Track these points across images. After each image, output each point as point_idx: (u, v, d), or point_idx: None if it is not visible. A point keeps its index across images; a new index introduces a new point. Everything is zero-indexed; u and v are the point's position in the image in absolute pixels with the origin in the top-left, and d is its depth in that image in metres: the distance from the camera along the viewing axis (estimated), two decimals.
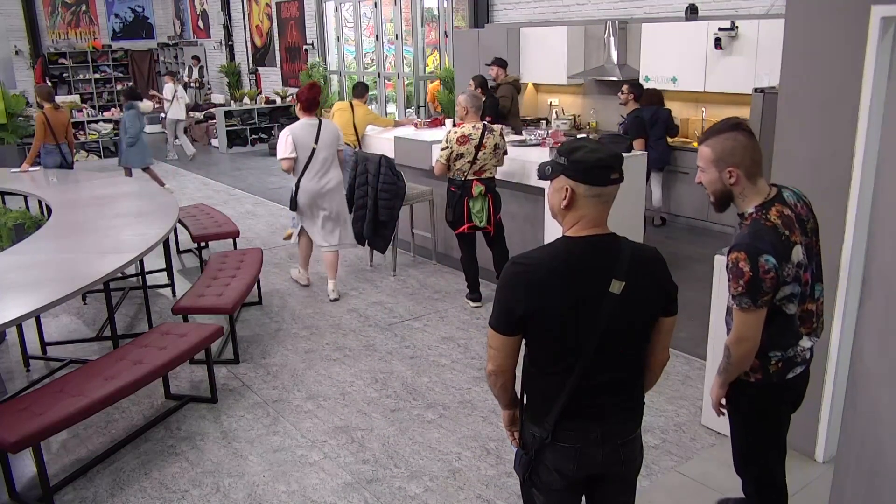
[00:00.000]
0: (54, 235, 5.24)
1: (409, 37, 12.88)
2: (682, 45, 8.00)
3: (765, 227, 2.40)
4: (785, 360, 2.53)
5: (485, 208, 5.67)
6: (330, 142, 5.93)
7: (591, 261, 2.13)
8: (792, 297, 2.45)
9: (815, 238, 2.57)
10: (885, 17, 2.99)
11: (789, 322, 2.50)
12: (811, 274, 2.52)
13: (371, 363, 5.00)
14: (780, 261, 2.36)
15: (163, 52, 19.59)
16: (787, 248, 2.39)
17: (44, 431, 3.39)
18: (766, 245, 2.35)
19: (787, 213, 2.45)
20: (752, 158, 2.44)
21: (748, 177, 2.45)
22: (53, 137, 8.17)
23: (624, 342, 2.13)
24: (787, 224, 2.42)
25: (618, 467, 2.22)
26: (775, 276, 2.35)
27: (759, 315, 2.40)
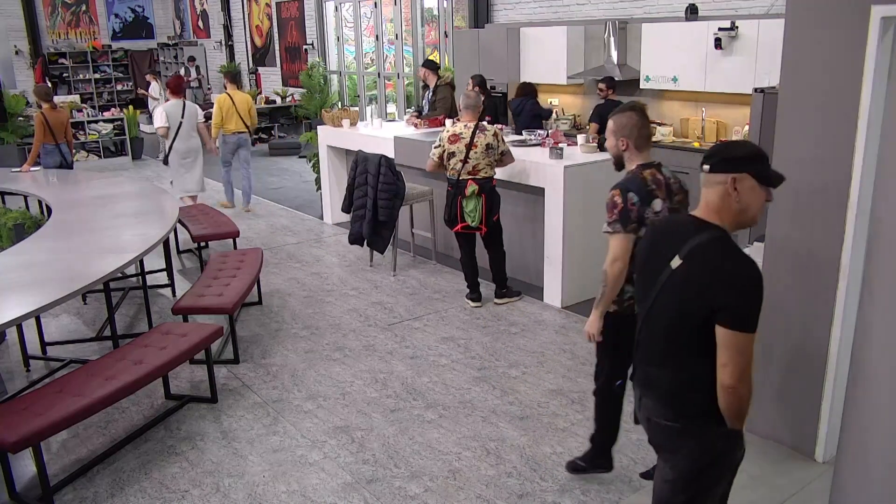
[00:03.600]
0: (54, 235, 5.24)
1: (409, 37, 12.87)
2: (682, 45, 7.99)
3: (637, 177, 3.15)
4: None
5: (478, 208, 5.66)
6: (190, 116, 8.22)
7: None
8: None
9: (683, 211, 3.17)
10: (885, 17, 2.99)
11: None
12: None
13: (371, 363, 5.00)
14: (643, 202, 3.07)
15: (163, 52, 19.59)
16: (649, 196, 3.10)
17: (44, 431, 3.39)
18: (634, 187, 3.10)
19: (659, 178, 3.16)
20: (640, 133, 3.17)
21: (636, 147, 3.19)
22: (53, 137, 8.17)
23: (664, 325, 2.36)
24: (655, 182, 3.14)
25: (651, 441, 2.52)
26: (638, 210, 3.05)
27: (628, 239, 3.06)
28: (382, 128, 8.21)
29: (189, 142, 8.16)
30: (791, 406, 3.61)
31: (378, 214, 6.44)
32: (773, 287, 3.55)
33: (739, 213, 2.27)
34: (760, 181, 2.25)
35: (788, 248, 3.46)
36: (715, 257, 2.24)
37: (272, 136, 15.18)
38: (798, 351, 3.53)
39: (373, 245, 6.69)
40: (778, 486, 3.43)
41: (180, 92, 8.17)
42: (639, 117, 3.17)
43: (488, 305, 5.97)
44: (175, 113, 8.02)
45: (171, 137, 8.05)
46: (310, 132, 9.66)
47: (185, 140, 8.15)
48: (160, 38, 19.98)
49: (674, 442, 2.41)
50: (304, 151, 12.45)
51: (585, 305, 5.86)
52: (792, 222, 3.44)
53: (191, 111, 8.17)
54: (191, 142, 8.19)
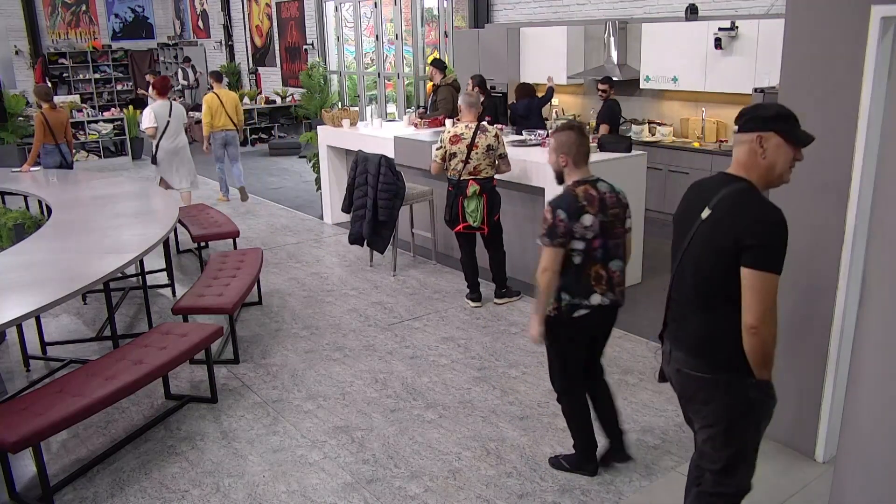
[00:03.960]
0: (54, 235, 5.24)
1: (409, 37, 12.88)
2: (682, 45, 8.00)
3: (570, 194, 3.32)
4: (572, 304, 3.38)
5: (479, 208, 5.66)
6: (178, 116, 8.38)
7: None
8: (578, 251, 3.30)
9: (619, 224, 3.39)
10: (885, 17, 2.99)
11: (579, 273, 3.33)
12: (602, 246, 3.33)
13: (371, 363, 5.00)
14: (570, 217, 3.24)
15: (163, 52, 19.59)
16: (579, 212, 3.26)
17: (44, 431, 3.39)
18: (564, 204, 3.28)
19: (592, 193, 3.33)
20: (578, 150, 3.37)
21: (574, 163, 3.39)
22: (52, 137, 8.17)
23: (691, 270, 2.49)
24: (587, 198, 3.30)
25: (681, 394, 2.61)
26: (566, 226, 3.24)
27: (556, 252, 3.28)
28: (382, 128, 8.21)
29: (176, 141, 8.40)
30: (791, 406, 3.61)
31: (378, 214, 6.44)
32: None
33: (767, 171, 2.39)
34: (787, 140, 2.35)
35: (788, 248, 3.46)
36: (740, 202, 2.36)
37: (272, 136, 15.18)
38: (798, 350, 3.53)
39: (373, 245, 6.68)
40: (778, 486, 3.43)
41: (166, 93, 8.46)
42: (577, 136, 3.39)
43: (488, 305, 5.97)
44: (162, 113, 8.25)
45: (158, 137, 8.29)
46: (310, 132, 9.66)
47: (173, 139, 8.37)
48: (160, 38, 19.98)
49: (705, 393, 2.49)
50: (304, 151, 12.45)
51: None
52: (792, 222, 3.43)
53: (177, 111, 8.41)
54: (178, 141, 8.42)
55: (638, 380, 4.64)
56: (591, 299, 3.37)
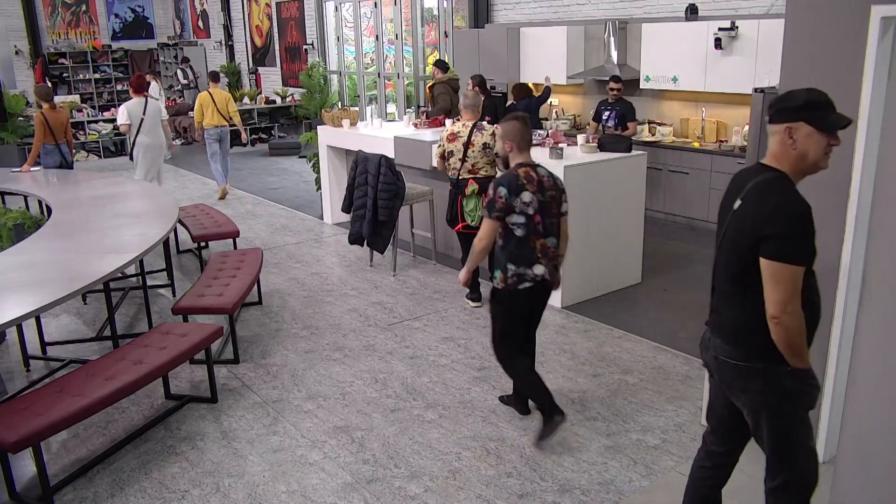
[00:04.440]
0: (54, 235, 5.24)
1: (409, 37, 12.88)
2: (682, 45, 8.00)
3: (512, 174, 3.76)
4: (518, 275, 3.77)
5: (478, 207, 5.66)
6: (152, 113, 8.47)
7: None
8: (519, 224, 3.73)
9: (555, 206, 3.82)
10: (885, 17, 2.99)
11: (522, 245, 3.74)
12: (543, 222, 3.76)
13: (371, 363, 5.00)
14: (510, 193, 3.69)
15: (163, 52, 19.59)
16: (519, 189, 3.71)
17: (44, 431, 3.39)
18: (506, 182, 3.72)
19: (532, 175, 3.77)
20: (521, 138, 3.83)
21: (518, 149, 3.85)
22: (53, 137, 8.17)
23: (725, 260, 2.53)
24: (527, 178, 3.75)
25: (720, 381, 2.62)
26: (504, 201, 3.69)
27: (493, 224, 3.73)
28: (382, 128, 8.21)
29: (151, 137, 8.48)
30: None
31: (378, 214, 6.44)
32: None
33: (798, 160, 2.39)
34: (817, 128, 2.34)
35: None
36: (765, 192, 2.37)
37: (272, 136, 15.18)
38: None
39: (373, 245, 6.68)
40: None
41: (142, 90, 8.57)
42: (521, 125, 3.86)
43: (487, 305, 5.96)
44: (136, 111, 8.38)
45: (133, 133, 8.41)
46: (310, 132, 9.67)
47: (148, 135, 8.44)
48: (160, 38, 19.97)
49: (742, 381, 2.51)
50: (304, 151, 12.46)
51: (585, 305, 5.87)
52: None
53: (152, 108, 8.53)
54: (153, 137, 8.50)
55: (638, 380, 4.64)
56: (534, 269, 3.78)
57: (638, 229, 6.27)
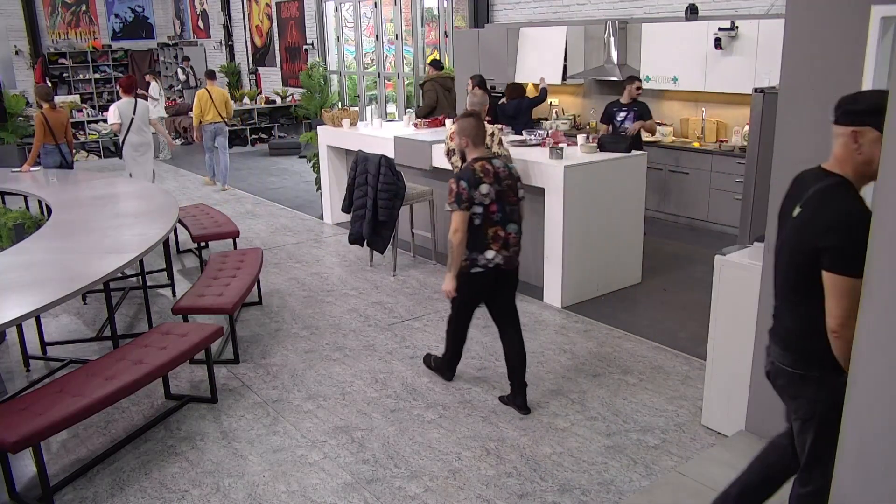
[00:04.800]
0: (54, 235, 5.24)
1: (409, 37, 12.88)
2: (682, 45, 8.00)
3: (469, 168, 4.07)
4: (471, 260, 4.11)
5: None
6: (142, 113, 8.63)
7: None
8: (478, 215, 4.04)
9: (512, 193, 4.14)
10: (885, 17, 2.99)
11: (478, 233, 4.06)
12: (500, 210, 4.08)
13: (371, 363, 5.00)
14: (469, 186, 3.99)
15: (163, 52, 19.59)
16: (477, 182, 4.02)
17: (44, 431, 3.39)
18: (465, 176, 4.03)
19: (488, 168, 4.07)
20: (476, 134, 4.15)
21: (473, 144, 4.15)
22: (53, 138, 8.17)
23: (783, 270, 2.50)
24: (483, 171, 4.05)
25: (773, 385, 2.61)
26: (467, 193, 3.98)
27: (463, 215, 4.01)
28: (382, 128, 8.21)
29: (141, 136, 8.67)
30: None
31: (378, 214, 6.44)
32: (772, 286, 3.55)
33: (863, 165, 2.31)
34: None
35: None
36: (825, 201, 2.29)
37: (272, 136, 15.18)
38: None
39: (373, 245, 6.69)
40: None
41: (131, 91, 8.71)
42: (476, 122, 4.19)
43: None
44: (126, 110, 8.55)
45: (123, 132, 8.58)
46: (310, 132, 9.67)
47: (137, 134, 8.64)
48: (160, 38, 19.97)
49: (796, 388, 2.48)
50: (304, 151, 12.46)
51: (585, 305, 5.87)
52: None
53: (142, 108, 8.71)
54: (142, 136, 8.70)
55: (638, 380, 4.64)
56: (486, 254, 4.11)
57: (638, 229, 6.26)
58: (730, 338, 3.83)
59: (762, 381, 3.68)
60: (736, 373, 3.81)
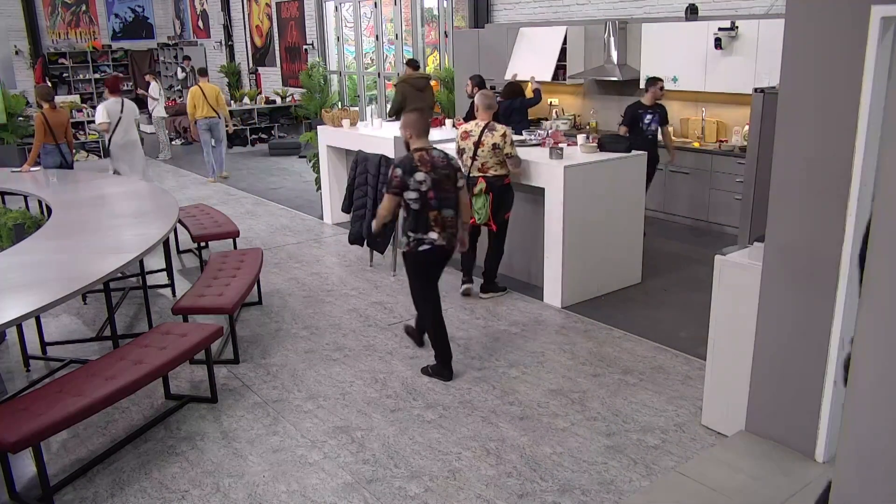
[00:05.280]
0: (54, 235, 5.24)
1: (409, 37, 12.88)
2: (682, 45, 8.00)
3: (408, 157, 4.49)
4: (416, 240, 4.53)
5: (485, 206, 5.75)
6: (129, 112, 8.85)
7: None
8: (413, 199, 4.44)
9: (448, 182, 4.54)
10: (885, 17, 2.99)
11: (418, 217, 4.48)
12: (436, 197, 4.48)
13: (371, 363, 5.00)
14: (404, 174, 4.41)
15: (163, 52, 19.59)
16: (413, 170, 4.42)
17: (44, 431, 3.39)
18: (402, 164, 4.46)
19: (426, 157, 4.47)
20: (418, 127, 4.54)
21: (416, 135, 4.54)
22: (53, 138, 8.17)
23: None
24: (421, 161, 4.45)
25: None
26: (399, 179, 4.42)
27: (391, 198, 4.48)
28: (382, 128, 8.20)
29: (128, 135, 8.88)
30: (791, 406, 3.61)
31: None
32: (772, 287, 3.55)
33: None
34: None
35: (788, 248, 3.46)
36: None
37: (272, 136, 15.17)
38: (798, 351, 3.53)
39: (373, 245, 6.69)
40: (778, 486, 3.43)
41: (117, 91, 9.02)
42: (419, 116, 4.60)
43: (488, 305, 5.97)
44: (114, 110, 8.78)
45: (111, 132, 8.78)
46: (310, 132, 9.66)
47: (125, 133, 8.84)
48: (160, 38, 19.98)
49: None
50: (304, 151, 12.46)
51: (585, 305, 5.87)
52: (792, 222, 3.44)
53: (129, 108, 8.92)
54: (129, 135, 8.91)
55: (638, 380, 4.64)
56: (429, 235, 4.52)
57: (638, 229, 6.26)
58: (730, 338, 3.83)
59: (762, 380, 3.69)
60: (736, 373, 3.81)
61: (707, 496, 3.38)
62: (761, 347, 3.64)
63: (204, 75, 11.75)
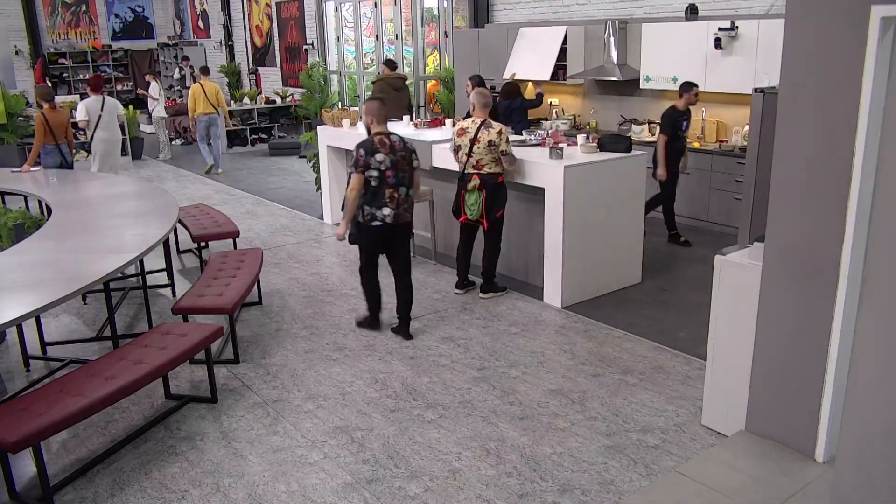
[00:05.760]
0: (54, 235, 5.24)
1: (409, 37, 12.88)
2: (682, 45, 8.00)
3: (369, 140, 5.07)
4: (371, 214, 5.07)
5: (478, 203, 5.79)
6: (110, 110, 9.13)
7: None
8: (373, 177, 4.99)
9: (405, 163, 5.11)
10: (885, 17, 2.99)
11: (374, 193, 5.02)
12: (394, 175, 5.04)
13: (371, 363, 5.00)
14: (367, 153, 4.99)
15: (163, 52, 19.60)
16: (373, 151, 5.00)
17: (44, 431, 3.39)
18: (364, 145, 5.04)
19: (385, 141, 5.05)
20: (379, 114, 5.11)
21: (376, 121, 5.11)
22: (53, 138, 8.18)
23: None
24: (380, 143, 5.03)
25: None
26: (365, 159, 4.98)
27: (359, 177, 5.00)
28: None
29: (109, 132, 9.15)
30: (791, 406, 3.61)
31: None
32: (772, 287, 3.55)
33: None
34: None
35: (788, 247, 3.47)
36: None
37: (272, 136, 15.17)
38: (798, 351, 3.53)
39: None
40: (778, 486, 3.43)
41: (99, 89, 9.22)
42: (379, 105, 5.16)
43: (487, 305, 5.97)
44: (94, 108, 9.03)
45: (92, 129, 9.03)
46: (310, 132, 9.66)
47: (105, 130, 9.10)
48: (160, 38, 19.99)
49: None
50: (304, 151, 12.46)
51: (585, 305, 5.87)
52: (792, 222, 3.44)
53: (109, 106, 9.20)
54: (110, 133, 9.19)
55: (638, 380, 4.64)
56: (382, 211, 5.05)
57: (638, 229, 6.26)
58: (730, 338, 3.83)
59: (762, 381, 3.69)
60: (736, 373, 3.81)
61: (707, 496, 3.38)
62: (761, 347, 3.64)
63: (206, 73, 12.26)
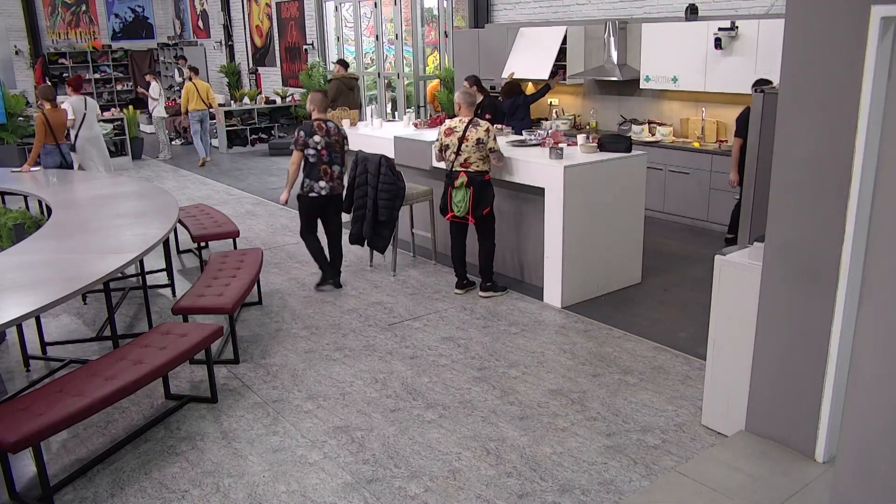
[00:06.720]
0: (54, 235, 5.24)
1: (409, 37, 12.88)
2: (682, 45, 8.00)
3: (309, 123, 6.06)
4: (309, 186, 6.10)
5: (465, 199, 5.86)
6: (92, 109, 9.67)
7: None
8: (312, 155, 6.00)
9: (337, 146, 6.13)
10: (885, 17, 2.99)
11: (313, 168, 6.05)
12: (328, 155, 6.06)
13: (371, 363, 5.00)
14: (306, 135, 5.99)
15: (163, 52, 19.60)
16: (312, 133, 5.99)
17: (44, 431, 3.39)
18: (304, 128, 6.04)
19: (322, 126, 6.02)
20: (320, 103, 6.10)
21: (318, 110, 6.11)
22: (53, 138, 8.18)
23: None
24: (318, 128, 6.02)
25: None
26: (303, 139, 5.99)
27: (297, 154, 6.07)
28: (382, 128, 8.21)
29: (92, 130, 9.57)
30: (791, 406, 3.61)
31: (378, 214, 6.44)
32: (772, 287, 3.55)
33: None
34: None
35: (788, 248, 3.47)
36: None
37: (272, 136, 15.16)
38: (798, 351, 3.53)
39: (373, 245, 6.68)
40: (778, 486, 3.43)
41: (80, 89, 9.76)
42: (322, 96, 6.17)
43: (487, 305, 5.97)
44: (79, 107, 9.39)
45: (77, 127, 9.33)
46: None
47: (89, 129, 9.50)
48: (160, 38, 19.98)
49: None
50: None
51: (585, 305, 5.87)
52: (792, 222, 3.44)
53: (91, 105, 9.67)
54: (94, 130, 9.62)
55: (638, 380, 4.64)
56: (319, 184, 6.07)
57: (638, 229, 6.26)
58: (730, 338, 3.83)
59: (762, 380, 3.69)
60: (736, 373, 3.82)
61: (707, 496, 3.38)
62: (761, 347, 3.64)
63: (196, 73, 13.25)
